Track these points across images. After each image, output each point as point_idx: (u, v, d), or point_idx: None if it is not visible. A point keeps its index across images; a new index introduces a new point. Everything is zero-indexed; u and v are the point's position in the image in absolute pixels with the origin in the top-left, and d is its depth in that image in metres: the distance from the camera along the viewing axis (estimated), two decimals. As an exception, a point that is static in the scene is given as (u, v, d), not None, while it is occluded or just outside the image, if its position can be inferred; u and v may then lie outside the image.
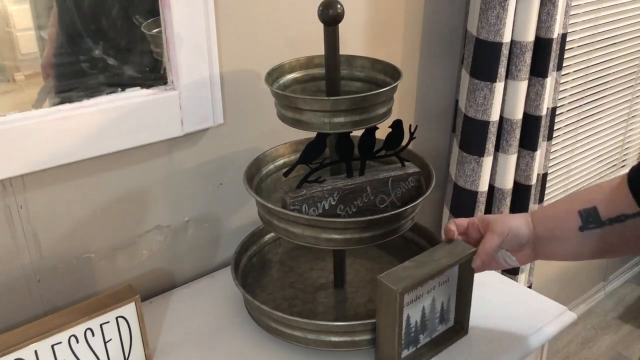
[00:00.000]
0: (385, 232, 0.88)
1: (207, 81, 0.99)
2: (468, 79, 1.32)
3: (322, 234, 0.86)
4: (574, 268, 2.28)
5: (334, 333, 0.89)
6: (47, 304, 0.97)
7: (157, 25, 0.94)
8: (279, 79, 0.93)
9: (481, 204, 1.42)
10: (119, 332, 0.85)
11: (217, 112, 1.03)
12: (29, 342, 0.76)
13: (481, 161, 1.36)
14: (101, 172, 0.96)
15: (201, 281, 1.11)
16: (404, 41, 1.30)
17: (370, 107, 0.84)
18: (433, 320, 0.91)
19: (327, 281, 1.05)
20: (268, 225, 0.92)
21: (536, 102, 1.39)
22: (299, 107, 0.84)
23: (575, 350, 2.25)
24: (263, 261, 1.10)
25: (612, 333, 2.33)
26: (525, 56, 1.30)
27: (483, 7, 1.24)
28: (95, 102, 0.91)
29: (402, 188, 0.93)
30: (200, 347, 0.94)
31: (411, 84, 1.36)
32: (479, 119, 1.33)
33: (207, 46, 0.97)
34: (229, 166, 1.10)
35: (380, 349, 0.87)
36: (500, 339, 0.94)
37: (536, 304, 1.02)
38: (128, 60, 0.95)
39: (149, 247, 1.06)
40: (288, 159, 1.04)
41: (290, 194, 0.87)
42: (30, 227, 0.92)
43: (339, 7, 0.83)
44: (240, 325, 0.98)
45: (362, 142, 0.91)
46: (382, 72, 0.94)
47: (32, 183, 0.90)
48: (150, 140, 0.97)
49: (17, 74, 0.87)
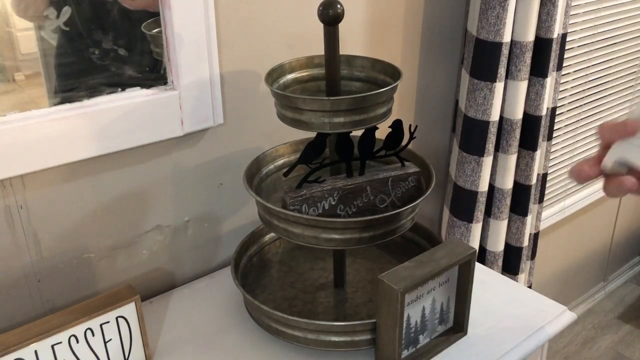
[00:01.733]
0: (385, 232, 0.88)
1: (207, 81, 0.99)
2: (468, 79, 1.32)
3: (322, 234, 0.86)
4: (574, 268, 2.29)
5: (334, 333, 0.89)
6: (47, 304, 0.97)
7: (157, 25, 0.94)
8: (279, 79, 0.93)
9: (481, 204, 1.42)
10: (119, 332, 0.85)
11: (217, 112, 1.03)
12: (29, 342, 0.76)
13: (481, 161, 1.36)
14: (101, 172, 0.96)
15: (201, 281, 1.11)
16: (404, 41, 1.30)
17: (370, 107, 0.84)
18: (433, 321, 0.91)
19: (327, 281, 1.05)
20: (268, 225, 0.92)
21: (536, 102, 1.39)
22: (299, 107, 0.84)
23: (575, 350, 2.25)
24: (263, 261, 1.10)
25: (612, 333, 2.33)
26: (525, 56, 1.30)
27: (483, 7, 1.24)
28: (95, 102, 0.91)
29: (402, 188, 0.93)
30: (200, 347, 0.94)
31: (411, 84, 1.36)
32: (479, 119, 1.33)
33: (207, 46, 0.97)
34: (229, 166, 1.10)
35: (380, 349, 0.87)
36: (500, 339, 0.94)
37: (536, 304, 1.02)
38: (128, 60, 0.95)
39: (149, 247, 1.06)
40: (288, 159, 1.04)
41: (290, 194, 0.87)
42: (30, 227, 0.92)
43: (339, 7, 0.84)
44: (240, 325, 0.98)
45: (362, 142, 0.91)
46: (382, 72, 0.94)
47: (32, 183, 0.90)
48: (150, 140, 0.97)
49: (17, 74, 0.87)
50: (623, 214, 2.40)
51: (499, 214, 1.48)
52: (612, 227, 2.40)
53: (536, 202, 1.59)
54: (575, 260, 2.28)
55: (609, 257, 2.48)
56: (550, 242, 2.07)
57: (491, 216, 1.49)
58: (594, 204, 2.16)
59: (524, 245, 1.57)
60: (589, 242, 2.30)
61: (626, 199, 2.36)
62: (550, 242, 2.07)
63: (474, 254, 0.89)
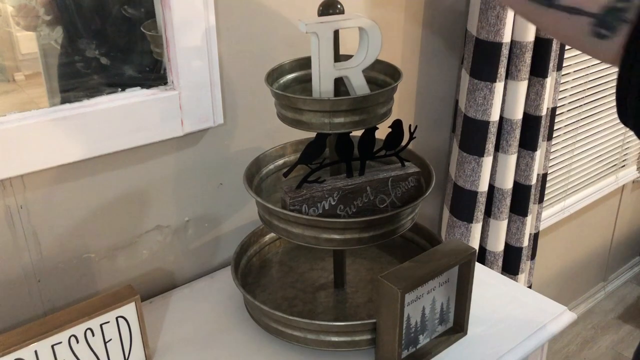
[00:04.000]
0: (385, 232, 0.88)
1: (207, 81, 0.99)
2: (468, 79, 1.32)
3: (322, 234, 0.86)
4: (574, 268, 2.29)
5: (334, 333, 0.89)
6: (47, 304, 0.97)
7: (157, 25, 0.94)
8: (279, 79, 0.93)
9: (481, 204, 1.42)
10: (119, 332, 0.85)
11: (217, 112, 1.03)
12: (29, 342, 0.76)
13: (481, 161, 1.36)
14: (101, 172, 0.96)
15: (201, 281, 1.11)
16: (404, 41, 1.30)
17: (370, 107, 0.84)
18: (433, 321, 0.91)
19: (327, 281, 1.05)
20: (268, 225, 0.92)
21: (536, 102, 1.39)
22: (299, 107, 0.84)
23: (575, 350, 2.25)
24: (263, 261, 1.10)
25: (612, 333, 2.33)
26: (525, 56, 1.30)
27: (483, 7, 1.24)
28: (95, 102, 0.91)
29: (402, 188, 0.93)
30: (200, 347, 0.94)
31: (411, 84, 1.36)
32: (479, 119, 1.33)
33: (207, 46, 0.97)
34: (229, 166, 1.10)
35: (380, 349, 0.87)
36: (500, 339, 0.94)
37: (536, 304, 1.02)
38: (128, 60, 0.95)
39: (149, 247, 1.06)
40: (288, 159, 1.04)
41: (290, 194, 0.87)
42: (30, 227, 0.92)
43: (338, 7, 0.84)
44: (240, 325, 0.98)
45: (362, 142, 0.91)
46: (382, 72, 0.94)
47: (32, 183, 0.90)
48: (150, 140, 0.97)
49: (17, 74, 0.87)
50: (623, 214, 2.40)
51: (499, 214, 1.48)
52: (612, 227, 2.40)
53: (536, 202, 1.59)
54: (575, 260, 2.28)
55: (609, 257, 2.48)
56: (550, 242, 2.07)
57: (491, 216, 1.49)
58: (594, 204, 2.16)
59: (524, 246, 1.57)
60: (589, 242, 2.30)
61: (626, 198, 2.36)
62: (550, 242, 2.07)
63: (474, 254, 0.89)
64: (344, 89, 0.88)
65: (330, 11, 0.83)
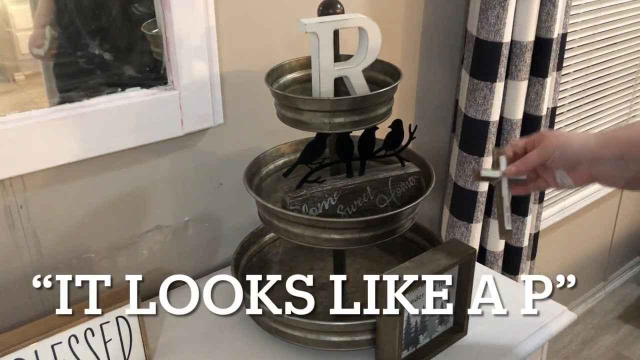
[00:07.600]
0: (385, 232, 0.88)
1: (207, 81, 0.99)
2: (468, 79, 1.32)
3: (322, 234, 0.86)
4: (574, 268, 2.28)
5: (334, 333, 0.89)
6: (47, 304, 0.97)
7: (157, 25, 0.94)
8: (279, 79, 0.93)
9: (481, 204, 1.42)
10: (119, 332, 0.85)
11: (217, 112, 1.03)
12: (29, 342, 0.76)
13: (481, 161, 1.36)
14: (101, 172, 0.96)
15: (201, 281, 1.11)
16: (404, 41, 1.30)
17: (370, 107, 0.84)
18: (433, 321, 0.91)
19: (327, 281, 1.05)
20: (268, 225, 0.92)
21: (536, 102, 1.39)
22: (299, 107, 0.84)
23: (575, 350, 2.25)
24: (263, 261, 1.10)
25: (612, 333, 2.33)
26: (525, 56, 1.30)
27: (483, 7, 1.24)
28: (95, 102, 0.91)
29: (402, 188, 0.93)
30: (200, 347, 0.94)
31: (411, 84, 1.36)
32: (479, 119, 1.33)
33: (207, 46, 0.97)
34: (229, 166, 1.10)
35: (380, 349, 0.87)
36: (500, 339, 0.94)
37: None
38: (128, 60, 0.95)
39: (149, 247, 1.06)
40: (288, 159, 1.04)
41: (290, 194, 0.87)
42: (30, 227, 0.92)
43: (338, 7, 0.84)
44: (240, 325, 0.98)
45: (362, 142, 0.91)
46: (382, 72, 0.94)
47: (32, 183, 0.90)
48: (150, 140, 0.97)
49: (17, 74, 0.87)
50: (623, 214, 2.40)
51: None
52: (612, 227, 2.39)
53: (536, 202, 1.58)
54: (575, 260, 2.28)
55: (609, 257, 2.47)
56: (550, 242, 2.07)
57: (491, 216, 1.49)
58: (594, 204, 2.16)
59: (524, 246, 1.57)
60: (589, 242, 2.30)
61: (626, 198, 2.36)
62: (550, 242, 2.07)
63: (474, 254, 0.89)
64: (344, 88, 0.88)
65: (330, 11, 0.83)
